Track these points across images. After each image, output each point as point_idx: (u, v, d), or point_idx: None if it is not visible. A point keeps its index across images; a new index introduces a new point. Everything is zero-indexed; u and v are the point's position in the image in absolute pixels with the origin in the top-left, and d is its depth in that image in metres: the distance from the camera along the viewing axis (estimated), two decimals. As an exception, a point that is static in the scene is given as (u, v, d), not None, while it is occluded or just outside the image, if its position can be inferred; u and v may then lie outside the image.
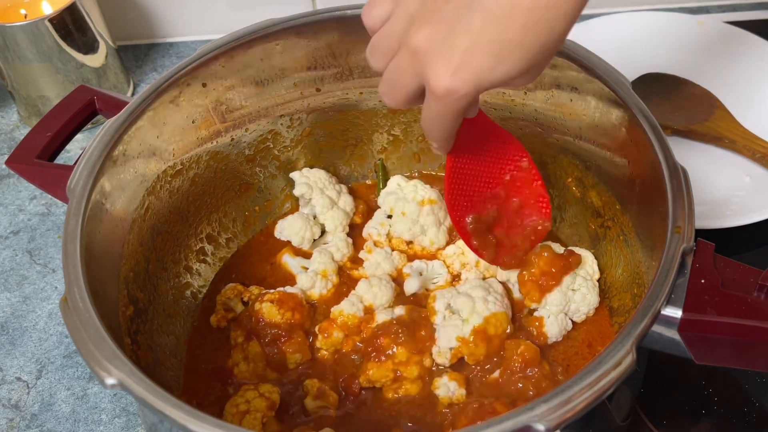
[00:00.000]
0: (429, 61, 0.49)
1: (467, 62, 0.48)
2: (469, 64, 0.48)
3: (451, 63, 0.48)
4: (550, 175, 0.79)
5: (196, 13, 1.11)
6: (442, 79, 0.49)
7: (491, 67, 0.48)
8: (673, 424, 0.70)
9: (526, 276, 0.71)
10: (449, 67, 0.48)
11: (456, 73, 0.48)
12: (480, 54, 0.47)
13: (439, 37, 0.48)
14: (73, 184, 0.62)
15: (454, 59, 0.48)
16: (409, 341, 0.67)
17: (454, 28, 0.48)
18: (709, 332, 0.55)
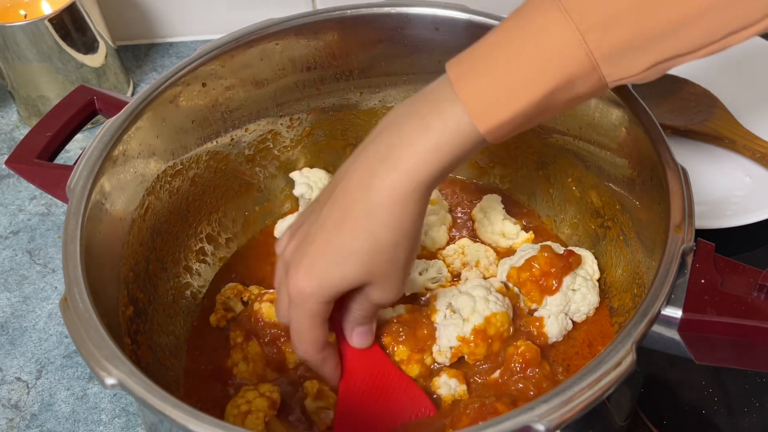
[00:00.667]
0: (289, 270, 0.57)
1: (311, 265, 0.55)
2: (312, 267, 0.55)
3: (299, 267, 0.56)
4: (550, 175, 0.79)
5: (196, 13, 1.11)
6: (292, 281, 0.56)
7: (329, 270, 0.55)
8: (673, 424, 0.70)
9: (526, 276, 0.71)
10: (298, 271, 0.56)
11: (302, 275, 0.55)
12: (321, 258, 0.55)
13: (297, 247, 0.57)
14: (73, 184, 0.62)
15: (302, 264, 0.55)
16: (409, 340, 0.67)
17: (306, 238, 0.56)
18: (709, 332, 0.55)
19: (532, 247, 0.73)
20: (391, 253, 0.54)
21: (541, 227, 0.81)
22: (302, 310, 0.57)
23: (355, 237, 0.53)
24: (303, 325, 0.58)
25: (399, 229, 0.53)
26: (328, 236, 0.54)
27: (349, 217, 0.54)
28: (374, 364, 0.65)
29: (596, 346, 0.71)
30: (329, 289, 0.55)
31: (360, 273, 0.55)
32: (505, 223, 0.79)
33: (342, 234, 0.54)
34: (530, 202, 0.83)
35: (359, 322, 0.62)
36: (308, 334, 0.58)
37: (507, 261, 0.74)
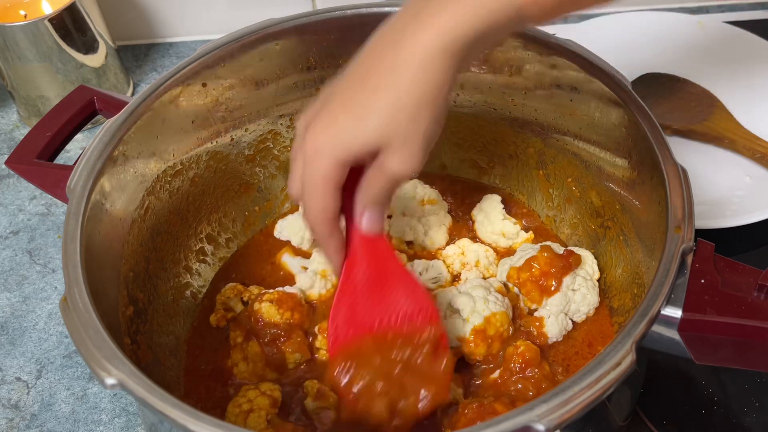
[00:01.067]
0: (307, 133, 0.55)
1: (331, 123, 0.53)
2: (331, 125, 0.53)
3: (318, 126, 0.54)
4: (550, 175, 0.79)
5: (196, 13, 1.11)
6: (310, 139, 0.54)
7: (349, 126, 0.53)
8: (673, 424, 0.70)
9: (526, 276, 0.71)
10: (316, 129, 0.54)
11: (320, 133, 0.53)
12: (342, 116, 0.53)
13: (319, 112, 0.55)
14: (73, 184, 0.62)
15: (321, 123, 0.54)
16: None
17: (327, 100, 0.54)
18: (708, 332, 0.55)
19: (531, 247, 0.73)
20: (413, 114, 0.51)
21: (541, 227, 0.81)
22: (316, 170, 0.54)
23: (377, 93, 0.51)
24: (315, 188, 0.55)
25: (423, 90, 0.51)
26: (351, 92, 0.52)
27: (373, 73, 0.52)
28: (380, 257, 0.62)
29: (596, 346, 0.71)
30: (346, 147, 0.53)
31: (379, 131, 0.52)
32: (505, 223, 0.79)
33: (364, 89, 0.52)
34: (530, 202, 0.83)
35: (372, 201, 0.58)
36: (319, 198, 0.55)
37: (507, 261, 0.74)
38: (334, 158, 0.53)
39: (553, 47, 0.70)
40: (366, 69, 0.52)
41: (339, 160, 0.53)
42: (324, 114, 0.54)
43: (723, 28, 1.00)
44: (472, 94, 0.78)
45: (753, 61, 0.96)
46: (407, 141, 0.52)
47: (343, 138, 0.53)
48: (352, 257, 0.62)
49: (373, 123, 0.52)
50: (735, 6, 1.13)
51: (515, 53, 0.72)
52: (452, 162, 0.86)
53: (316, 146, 0.53)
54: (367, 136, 0.52)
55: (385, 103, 0.51)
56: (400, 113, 0.51)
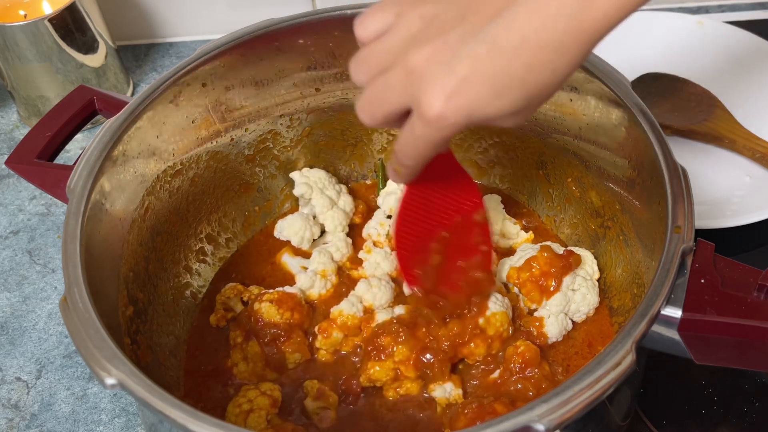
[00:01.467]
0: (424, 83, 0.47)
1: (464, 90, 0.46)
2: (465, 93, 0.46)
3: (447, 88, 0.46)
4: (550, 175, 0.79)
5: (196, 13, 1.11)
6: (436, 102, 0.47)
7: (488, 99, 0.47)
8: (673, 424, 0.70)
9: (526, 276, 0.71)
10: (444, 92, 0.46)
11: (450, 99, 0.46)
12: (479, 84, 0.46)
13: (440, 61, 0.47)
14: (73, 184, 0.62)
15: (450, 85, 0.46)
16: (409, 340, 0.67)
17: (457, 54, 0.46)
18: (708, 332, 0.55)
19: (531, 247, 0.73)
20: (557, 87, 0.48)
21: (541, 227, 0.81)
22: (437, 135, 0.49)
23: (531, 69, 0.46)
24: (428, 147, 0.50)
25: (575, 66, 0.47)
26: (493, 60, 0.45)
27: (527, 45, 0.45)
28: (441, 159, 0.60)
29: (596, 346, 0.71)
30: (479, 120, 0.48)
31: (520, 106, 0.47)
32: (505, 223, 0.79)
33: (513, 63, 0.45)
34: (530, 202, 0.83)
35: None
36: (430, 153, 0.51)
37: (507, 261, 0.74)
38: (466, 123, 0.48)
39: (553, 47, 0.69)
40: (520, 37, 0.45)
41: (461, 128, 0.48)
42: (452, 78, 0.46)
43: (723, 28, 1.00)
44: (472, 94, 0.78)
45: (753, 61, 0.96)
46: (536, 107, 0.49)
47: (479, 111, 0.47)
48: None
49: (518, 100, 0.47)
50: (735, 6, 1.13)
51: (515, 53, 0.72)
52: (452, 162, 0.86)
53: (444, 115, 0.47)
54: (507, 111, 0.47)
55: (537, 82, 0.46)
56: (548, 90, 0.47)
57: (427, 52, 0.47)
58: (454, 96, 0.46)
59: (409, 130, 0.50)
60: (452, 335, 0.67)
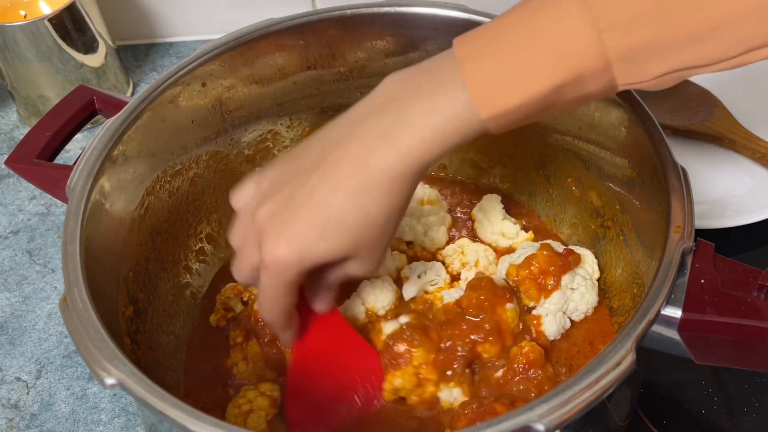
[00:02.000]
0: (265, 234, 0.54)
1: (293, 235, 0.52)
2: (295, 238, 0.52)
3: (280, 235, 0.53)
4: (550, 175, 0.79)
5: (196, 13, 1.11)
6: (270, 249, 0.53)
7: (315, 242, 0.52)
8: (673, 424, 0.70)
9: (525, 274, 0.71)
10: (278, 239, 0.53)
11: (282, 244, 0.53)
12: (305, 228, 0.52)
13: (277, 212, 0.53)
14: (73, 184, 0.62)
15: (283, 232, 0.53)
16: (425, 342, 0.66)
17: (288, 204, 0.53)
18: (708, 332, 0.54)
19: (532, 245, 0.73)
20: (381, 229, 0.53)
21: (541, 227, 0.81)
22: (277, 280, 0.55)
23: (346, 212, 0.52)
24: (275, 294, 0.56)
25: (391, 207, 0.53)
26: (316, 208, 0.52)
27: (341, 191, 0.52)
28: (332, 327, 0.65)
29: (597, 344, 0.71)
30: (310, 261, 0.54)
31: (346, 247, 0.53)
32: (505, 223, 0.79)
33: (332, 207, 0.52)
34: (530, 202, 0.83)
35: (327, 288, 0.61)
36: (280, 300, 0.57)
37: (506, 258, 0.74)
38: (299, 269, 0.54)
39: (553, 47, 0.69)
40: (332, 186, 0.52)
41: (302, 270, 0.54)
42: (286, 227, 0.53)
43: (723, 28, 1.00)
44: (472, 94, 0.78)
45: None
46: (371, 252, 0.55)
47: (308, 252, 0.53)
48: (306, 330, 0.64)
49: (340, 239, 0.53)
50: (735, 6, 1.13)
51: (515, 53, 0.72)
52: (452, 162, 0.86)
53: (277, 259, 0.53)
54: (333, 251, 0.53)
55: (353, 220, 0.52)
56: (369, 231, 0.53)
57: (269, 208, 0.54)
58: (286, 241, 0.53)
59: (260, 282, 0.56)
60: (466, 333, 0.67)
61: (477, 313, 0.67)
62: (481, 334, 0.67)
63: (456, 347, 0.67)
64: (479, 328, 0.67)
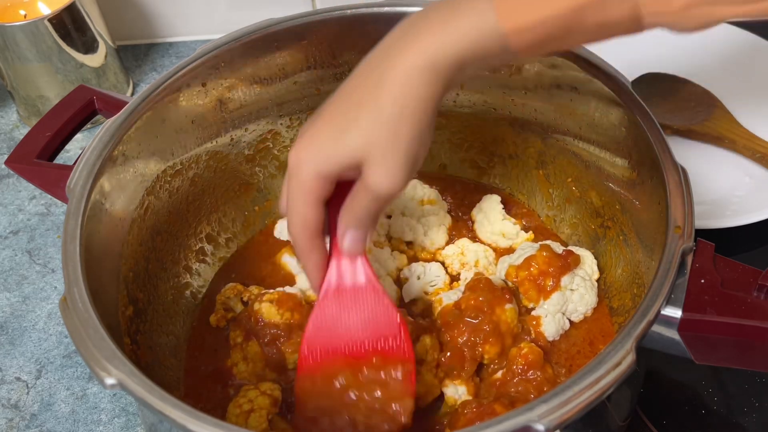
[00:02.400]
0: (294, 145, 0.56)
1: (313, 138, 0.54)
2: (313, 139, 0.54)
3: (303, 138, 0.55)
4: (550, 175, 0.79)
5: (196, 13, 1.11)
6: (293, 153, 0.55)
7: (330, 139, 0.53)
8: (673, 424, 0.70)
9: (525, 275, 0.71)
10: (300, 143, 0.55)
11: (302, 147, 0.55)
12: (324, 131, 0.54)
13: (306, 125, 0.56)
14: (73, 184, 0.62)
15: (306, 135, 0.55)
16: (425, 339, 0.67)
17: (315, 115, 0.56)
18: (708, 332, 0.54)
19: (531, 246, 0.73)
20: (394, 128, 0.52)
21: (541, 227, 0.81)
22: (297, 182, 0.55)
23: (359, 107, 0.52)
24: (296, 199, 0.56)
25: (405, 104, 0.52)
26: (336, 107, 0.54)
27: (357, 89, 0.53)
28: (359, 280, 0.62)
29: (597, 344, 0.71)
30: (326, 160, 0.54)
31: (358, 144, 0.53)
32: (505, 223, 0.79)
33: (348, 104, 0.53)
34: (530, 202, 0.83)
35: (355, 219, 0.58)
36: (300, 210, 0.56)
37: (506, 259, 0.74)
38: (315, 171, 0.54)
39: (553, 47, 0.69)
40: (353, 86, 0.54)
41: (320, 172, 0.54)
42: (309, 129, 0.55)
43: (723, 28, 1.00)
44: (472, 94, 0.78)
45: (753, 61, 0.96)
46: (387, 155, 0.53)
47: (324, 151, 0.54)
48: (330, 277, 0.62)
49: (353, 136, 0.53)
50: (735, 6, 1.13)
51: (515, 53, 0.72)
52: (452, 162, 0.86)
53: (298, 159, 0.54)
54: (347, 149, 0.53)
55: (366, 116, 0.52)
56: (381, 127, 0.52)
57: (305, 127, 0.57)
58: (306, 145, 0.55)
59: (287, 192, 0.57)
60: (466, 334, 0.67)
61: (476, 315, 0.67)
62: (480, 335, 0.67)
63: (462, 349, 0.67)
64: (478, 330, 0.67)
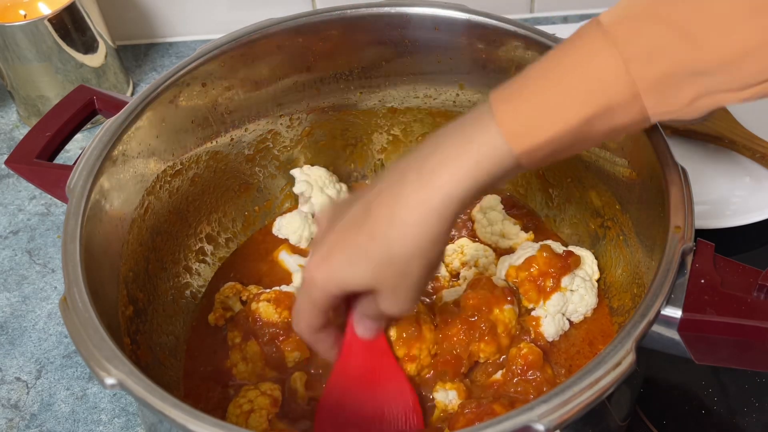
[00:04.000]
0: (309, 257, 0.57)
1: (326, 257, 0.55)
2: (326, 259, 0.55)
3: (315, 255, 0.56)
4: (550, 175, 0.79)
5: (195, 13, 1.11)
6: (308, 268, 0.56)
7: (341, 266, 0.54)
8: (673, 424, 0.70)
9: (525, 276, 0.71)
10: (314, 259, 0.56)
11: (317, 266, 0.55)
12: (339, 255, 0.54)
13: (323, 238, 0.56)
14: (73, 184, 0.62)
15: (319, 253, 0.55)
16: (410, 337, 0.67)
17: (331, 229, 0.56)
18: (708, 332, 0.54)
19: (531, 246, 0.73)
20: (403, 267, 0.53)
21: (541, 227, 0.81)
22: (306, 295, 0.57)
23: (371, 241, 0.53)
24: (303, 308, 0.58)
25: (416, 245, 0.52)
26: (348, 233, 0.54)
27: (371, 221, 0.53)
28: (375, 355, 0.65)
29: (597, 345, 0.71)
30: (335, 285, 0.55)
31: (368, 278, 0.54)
32: (505, 223, 0.79)
33: (361, 235, 0.53)
34: (530, 202, 0.83)
35: (366, 317, 0.61)
36: (305, 316, 0.59)
37: (506, 259, 0.74)
38: (325, 291, 0.56)
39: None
40: (366, 215, 0.54)
41: (329, 294, 0.56)
42: (323, 247, 0.55)
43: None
44: (472, 94, 0.78)
45: (753, 61, 0.96)
46: (396, 290, 0.54)
47: (335, 276, 0.55)
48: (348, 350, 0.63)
49: (363, 269, 0.53)
50: (735, 6, 1.13)
51: (517, 53, 0.72)
52: (452, 162, 0.86)
53: (311, 276, 0.56)
54: (356, 279, 0.54)
55: (377, 253, 0.53)
56: (390, 266, 0.53)
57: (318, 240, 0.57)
58: (321, 264, 0.55)
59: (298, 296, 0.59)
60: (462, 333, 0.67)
61: (474, 313, 0.68)
62: (476, 333, 0.67)
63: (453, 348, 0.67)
64: (475, 327, 0.67)
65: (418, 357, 0.67)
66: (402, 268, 0.53)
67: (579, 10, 1.12)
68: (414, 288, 0.55)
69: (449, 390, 0.66)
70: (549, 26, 1.10)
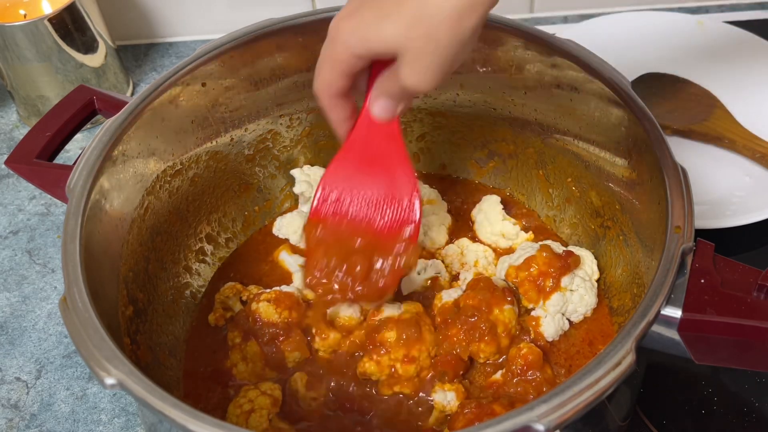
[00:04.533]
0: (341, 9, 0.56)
1: (356, 11, 0.53)
2: (356, 13, 0.53)
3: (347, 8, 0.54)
4: (550, 175, 0.79)
5: (195, 13, 1.11)
6: (336, 17, 0.55)
7: (370, 22, 0.53)
8: (673, 424, 0.70)
9: (524, 276, 0.71)
10: (344, 12, 0.54)
11: (345, 18, 0.54)
12: (367, 9, 0.53)
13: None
14: (73, 184, 0.62)
15: (350, 7, 0.54)
16: (410, 339, 0.67)
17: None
18: (708, 332, 0.54)
19: (531, 246, 0.73)
20: (432, 30, 0.51)
21: (541, 227, 0.81)
22: (330, 52, 0.56)
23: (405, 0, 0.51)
24: (325, 66, 0.57)
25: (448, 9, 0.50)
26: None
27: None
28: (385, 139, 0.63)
29: (597, 344, 0.71)
30: (361, 42, 0.54)
31: (395, 37, 0.52)
32: (505, 223, 0.78)
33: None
34: (530, 202, 0.83)
35: (384, 95, 0.59)
36: (326, 75, 0.58)
37: (506, 259, 0.74)
38: (348, 46, 0.54)
39: (553, 47, 0.70)
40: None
41: (353, 52, 0.54)
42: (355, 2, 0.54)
43: (723, 28, 1.00)
44: (472, 94, 0.78)
45: (753, 61, 0.96)
46: (420, 57, 0.52)
47: (361, 31, 0.53)
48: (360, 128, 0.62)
49: (391, 27, 0.52)
50: (735, 6, 1.13)
51: (516, 53, 0.72)
52: (452, 162, 0.86)
53: (336, 29, 0.54)
54: (382, 37, 0.52)
55: (408, 10, 0.51)
56: (419, 26, 0.51)
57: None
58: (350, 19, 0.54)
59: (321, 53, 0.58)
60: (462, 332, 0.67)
61: (474, 313, 0.67)
62: (476, 333, 0.67)
63: (453, 348, 0.67)
64: (475, 327, 0.67)
65: (417, 358, 0.67)
66: (431, 30, 0.51)
67: (579, 10, 1.12)
68: (439, 58, 0.52)
69: (448, 391, 0.66)
70: (549, 26, 1.10)
